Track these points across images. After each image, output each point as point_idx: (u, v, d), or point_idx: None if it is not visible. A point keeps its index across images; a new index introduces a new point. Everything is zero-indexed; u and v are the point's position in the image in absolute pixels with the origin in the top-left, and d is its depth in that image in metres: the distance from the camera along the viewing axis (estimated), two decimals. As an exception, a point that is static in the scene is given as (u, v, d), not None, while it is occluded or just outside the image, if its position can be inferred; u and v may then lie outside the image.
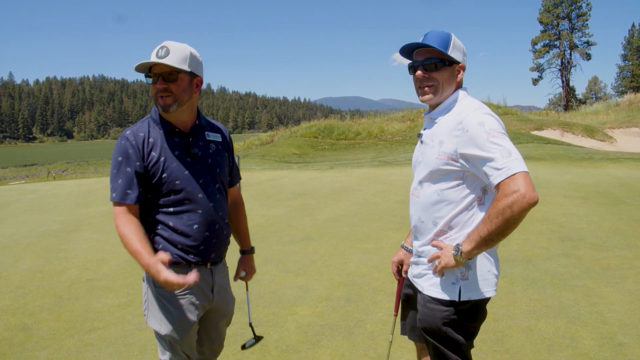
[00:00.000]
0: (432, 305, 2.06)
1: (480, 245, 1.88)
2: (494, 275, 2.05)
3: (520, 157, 1.83)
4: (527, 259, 5.60)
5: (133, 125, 2.24)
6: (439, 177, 2.03)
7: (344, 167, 16.62)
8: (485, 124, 1.89)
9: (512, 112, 31.00)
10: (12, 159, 68.31)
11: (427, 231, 2.09)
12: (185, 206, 2.21)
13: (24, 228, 8.59)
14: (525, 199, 1.75)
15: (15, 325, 4.39)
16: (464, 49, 2.11)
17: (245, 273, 2.73)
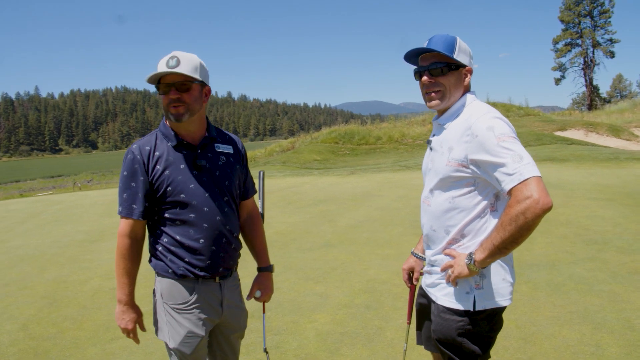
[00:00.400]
0: (446, 315, 2.02)
1: (493, 254, 1.83)
2: (509, 284, 2.00)
3: (532, 161, 1.78)
4: (551, 263, 5.49)
5: (141, 139, 2.26)
6: (449, 184, 1.98)
7: (365, 172, 16.56)
8: (495, 128, 1.84)
9: (534, 113, 30.59)
10: (40, 170, 69.80)
11: (439, 240, 2.05)
12: (191, 219, 2.20)
13: (49, 238, 8.73)
14: (539, 204, 1.70)
15: (40, 334, 4.45)
16: (470, 52, 2.07)
17: (261, 293, 2.56)
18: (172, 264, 2.22)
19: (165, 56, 2.16)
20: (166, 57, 2.15)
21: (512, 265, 2.05)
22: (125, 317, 2.23)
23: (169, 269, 2.22)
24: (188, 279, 2.23)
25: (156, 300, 2.30)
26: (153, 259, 2.29)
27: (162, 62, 2.14)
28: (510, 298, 2.00)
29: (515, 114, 29.76)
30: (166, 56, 2.15)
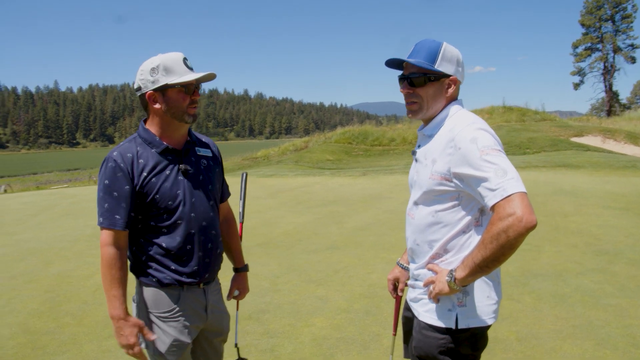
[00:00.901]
0: (427, 332, 1.95)
1: (474, 272, 1.75)
2: (494, 301, 1.92)
3: (518, 176, 1.69)
4: (558, 273, 5.38)
5: (119, 146, 2.17)
6: (433, 198, 1.91)
7: (377, 173, 16.45)
8: (479, 140, 1.76)
9: (551, 118, 30.16)
10: (57, 163, 70.68)
11: (422, 254, 1.98)
12: (178, 226, 2.16)
13: (59, 232, 8.79)
14: (522, 223, 1.61)
15: (40, 328, 4.47)
16: (458, 59, 1.96)
17: (239, 292, 2.64)
18: (158, 273, 2.16)
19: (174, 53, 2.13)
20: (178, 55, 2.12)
21: (499, 282, 1.97)
22: (124, 332, 2.08)
23: (153, 278, 2.17)
24: (173, 287, 2.19)
25: (139, 308, 2.23)
26: (135, 268, 2.23)
27: (179, 60, 2.11)
28: (495, 316, 1.93)
29: (532, 118, 29.38)
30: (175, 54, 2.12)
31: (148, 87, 2.10)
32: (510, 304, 4.55)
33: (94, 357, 3.87)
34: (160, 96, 2.11)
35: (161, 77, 2.07)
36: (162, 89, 2.09)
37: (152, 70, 2.08)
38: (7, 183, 30.52)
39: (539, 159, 17.12)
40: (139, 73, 2.12)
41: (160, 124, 2.17)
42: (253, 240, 7.43)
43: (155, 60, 2.09)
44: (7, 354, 3.98)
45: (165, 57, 2.10)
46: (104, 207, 2.07)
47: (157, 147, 2.15)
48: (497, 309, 1.94)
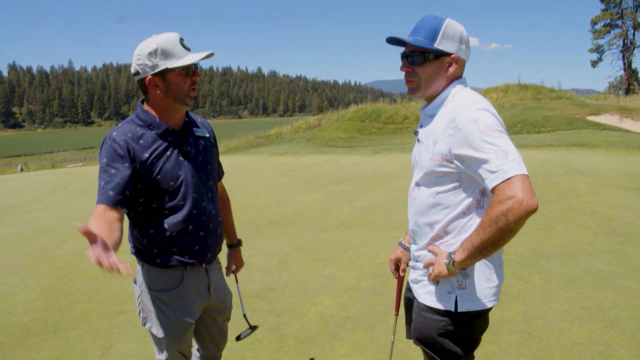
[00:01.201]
0: (427, 314, 1.94)
1: (473, 255, 1.72)
2: (495, 284, 1.89)
3: (519, 157, 1.64)
4: (569, 254, 5.32)
5: (118, 127, 2.13)
6: (434, 179, 1.87)
7: (389, 152, 16.38)
8: (480, 120, 1.70)
9: (567, 96, 29.63)
10: (72, 142, 71.46)
11: (423, 235, 1.95)
12: (180, 207, 2.15)
13: (72, 210, 8.89)
14: (522, 206, 1.57)
15: (52, 305, 4.55)
16: (461, 37, 1.89)
17: (236, 266, 2.71)
18: (161, 255, 2.16)
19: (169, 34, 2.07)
20: (174, 35, 2.07)
21: (500, 264, 1.94)
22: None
23: (157, 259, 2.17)
24: (176, 267, 2.19)
25: (141, 290, 2.24)
26: (137, 250, 2.23)
27: (176, 42, 2.05)
28: (495, 299, 1.90)
29: (547, 96, 28.91)
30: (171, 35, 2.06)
31: (147, 72, 2.04)
32: (519, 284, 4.53)
33: (104, 333, 3.93)
34: (161, 80, 2.06)
35: (160, 61, 2.02)
36: (162, 73, 2.05)
37: (150, 54, 2.02)
38: (24, 162, 30.93)
39: (553, 138, 16.91)
40: (136, 57, 2.06)
41: (160, 107, 2.13)
42: (264, 218, 7.46)
43: (151, 43, 2.03)
44: (21, 329, 4.06)
45: (161, 39, 2.04)
46: (101, 185, 2.00)
47: (157, 129, 2.12)
48: (498, 291, 1.91)
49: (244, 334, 2.79)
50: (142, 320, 2.28)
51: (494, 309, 3.91)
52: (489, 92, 31.67)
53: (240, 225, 7.00)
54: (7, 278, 5.33)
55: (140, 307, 2.26)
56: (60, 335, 3.95)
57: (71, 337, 3.90)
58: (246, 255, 5.60)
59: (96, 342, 3.80)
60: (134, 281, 2.30)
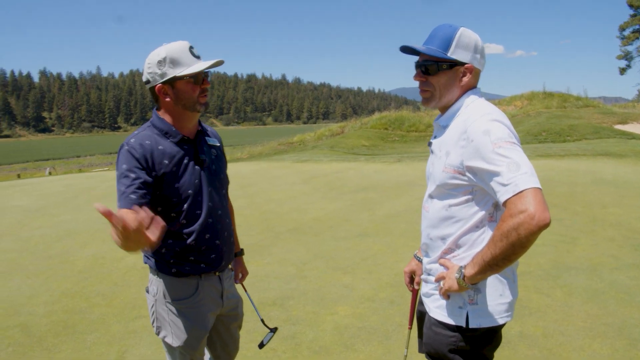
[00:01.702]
0: (437, 329, 1.90)
1: (484, 270, 1.68)
2: (508, 300, 1.84)
3: (532, 170, 1.60)
4: (592, 267, 5.19)
5: (135, 134, 2.13)
6: (446, 192, 1.84)
7: (412, 160, 16.26)
8: (492, 132, 1.67)
9: (594, 105, 29.06)
10: (99, 146, 72.90)
11: (435, 248, 1.92)
12: (197, 216, 2.15)
13: (96, 214, 9.00)
14: (534, 220, 1.52)
15: (72, 308, 4.61)
16: (475, 46, 1.85)
17: (242, 275, 2.71)
18: (178, 265, 2.17)
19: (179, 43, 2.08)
20: (183, 44, 2.08)
21: (514, 280, 1.89)
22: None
23: (172, 269, 2.18)
24: (191, 276, 2.20)
25: (155, 299, 2.24)
26: (151, 258, 2.22)
27: (185, 50, 2.06)
28: (508, 315, 1.85)
29: (573, 104, 28.41)
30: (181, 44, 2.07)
31: (157, 80, 2.07)
32: (539, 298, 4.43)
33: (120, 337, 3.97)
34: (170, 88, 2.08)
35: (169, 70, 2.04)
36: (171, 81, 2.07)
37: (159, 63, 2.04)
38: (52, 166, 31.58)
39: (579, 147, 16.59)
40: (146, 66, 2.09)
41: (173, 115, 2.15)
42: (283, 226, 7.47)
43: (161, 52, 2.05)
44: (41, 330, 4.13)
45: (170, 47, 2.06)
46: (121, 191, 2.00)
47: (174, 137, 2.13)
48: (512, 307, 1.86)
49: (267, 338, 2.78)
50: (155, 330, 2.28)
51: (512, 322, 3.85)
52: (514, 100, 31.30)
53: (260, 232, 7.09)
54: (31, 280, 5.43)
55: (154, 316, 2.26)
56: (79, 337, 4.00)
57: (89, 340, 3.95)
58: (264, 262, 5.69)
59: (113, 345, 3.84)
60: (146, 290, 2.29)
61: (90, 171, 24.72)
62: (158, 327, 2.26)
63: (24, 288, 5.18)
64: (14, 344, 3.92)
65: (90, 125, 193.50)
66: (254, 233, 7.08)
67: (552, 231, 6.53)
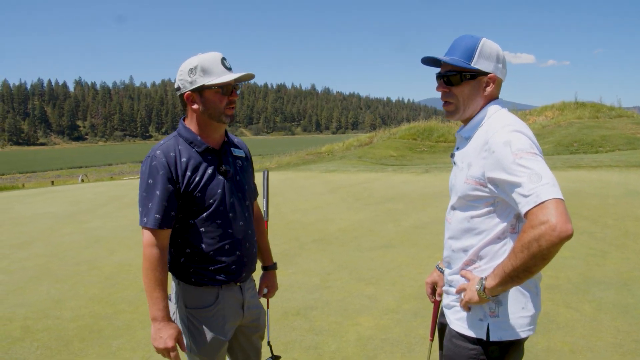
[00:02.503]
0: (458, 341, 1.87)
1: (505, 282, 1.66)
2: (531, 313, 1.81)
3: (554, 181, 1.57)
4: (623, 282, 5.05)
5: (160, 144, 2.16)
6: (467, 203, 1.83)
7: (440, 170, 16.13)
8: (513, 143, 1.65)
9: (628, 115, 28.36)
10: (130, 155, 74.38)
11: (457, 260, 1.90)
12: (218, 225, 2.17)
13: (124, 222, 9.19)
14: (556, 232, 1.49)
15: (98, 313, 4.70)
16: (497, 56, 1.85)
17: (267, 290, 2.66)
18: (198, 273, 2.19)
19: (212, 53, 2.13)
20: (216, 55, 2.12)
21: (537, 292, 1.85)
22: (163, 334, 2.05)
23: (192, 278, 2.19)
24: (212, 286, 2.21)
25: (176, 307, 2.25)
26: (174, 268, 2.24)
27: (217, 61, 2.11)
28: (531, 329, 1.81)
29: (606, 115, 27.80)
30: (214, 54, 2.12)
31: (186, 88, 2.11)
32: (568, 312, 4.32)
33: (145, 343, 4.01)
34: (198, 97, 2.12)
35: (198, 78, 2.08)
36: (200, 90, 2.10)
37: (190, 71, 2.09)
38: (85, 173, 32.29)
39: (612, 158, 16.20)
40: (178, 73, 2.14)
41: (199, 124, 2.18)
42: (308, 236, 7.47)
43: (193, 60, 2.10)
44: (68, 335, 4.22)
45: (203, 57, 2.10)
46: (148, 206, 2.05)
47: (199, 147, 2.16)
48: (534, 321, 1.83)
49: None
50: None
51: (539, 337, 3.78)
52: (545, 111, 30.80)
53: (285, 242, 7.11)
54: (59, 285, 5.55)
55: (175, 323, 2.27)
56: (104, 342, 4.07)
57: (114, 345, 4.01)
58: (288, 272, 5.70)
59: (137, 351, 3.89)
60: (168, 297, 2.29)
61: (121, 179, 25.21)
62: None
63: (53, 292, 5.29)
64: (42, 347, 4.00)
65: (122, 134, 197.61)
66: (279, 243, 7.10)
67: (582, 244, 6.39)
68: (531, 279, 1.78)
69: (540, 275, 1.88)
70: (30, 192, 15.30)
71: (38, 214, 10.53)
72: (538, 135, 24.84)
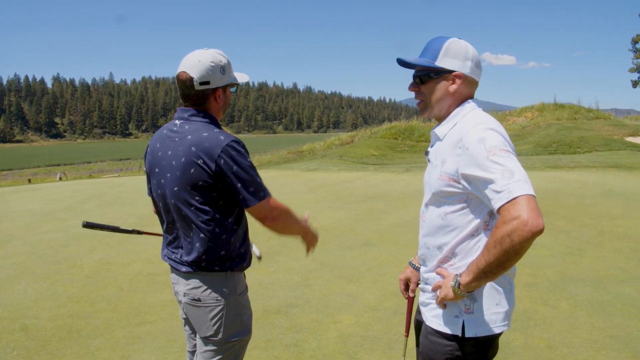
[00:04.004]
0: (434, 338, 1.90)
1: (479, 278, 1.69)
2: (505, 309, 1.85)
3: (526, 178, 1.61)
4: (599, 280, 5.16)
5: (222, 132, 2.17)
6: (441, 200, 1.86)
7: (420, 169, 16.24)
8: (486, 140, 1.69)
9: (605, 117, 28.96)
10: (110, 153, 73.54)
11: (432, 257, 1.94)
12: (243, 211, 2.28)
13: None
14: (527, 227, 1.52)
15: (77, 312, 4.64)
16: (465, 55, 1.89)
17: None
18: (244, 257, 2.29)
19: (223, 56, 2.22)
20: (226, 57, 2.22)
21: (511, 289, 1.89)
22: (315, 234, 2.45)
23: (244, 263, 2.29)
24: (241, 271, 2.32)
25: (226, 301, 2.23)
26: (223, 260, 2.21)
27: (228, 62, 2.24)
28: (505, 324, 1.85)
29: (584, 116, 28.33)
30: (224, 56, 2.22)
31: (217, 84, 2.18)
32: (545, 309, 4.40)
33: (124, 342, 3.98)
34: (222, 93, 2.23)
35: (228, 76, 2.22)
36: (224, 87, 2.23)
37: (222, 68, 2.18)
38: (63, 171, 31.80)
39: (589, 159, 16.50)
40: (209, 68, 2.13)
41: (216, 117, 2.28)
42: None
43: (222, 58, 2.19)
44: (46, 335, 4.16)
45: (225, 56, 2.22)
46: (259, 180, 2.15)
47: None
48: (508, 317, 1.87)
49: None
50: (222, 336, 2.24)
51: (517, 334, 3.84)
52: (524, 112, 31.24)
53: (266, 240, 7.09)
54: (37, 284, 5.47)
55: (222, 319, 2.23)
56: (83, 342, 4.02)
57: (93, 345, 3.96)
58: (270, 270, 5.70)
59: (116, 350, 3.85)
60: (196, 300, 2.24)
61: (100, 177, 24.90)
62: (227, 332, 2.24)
63: (30, 292, 5.22)
64: (18, 347, 3.94)
65: (102, 132, 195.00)
66: (260, 241, 7.07)
67: (559, 243, 6.50)
68: (505, 276, 1.83)
69: (514, 272, 1.92)
70: (7, 190, 15.01)
71: (16, 212, 10.36)
72: (518, 135, 25.19)
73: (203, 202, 2.11)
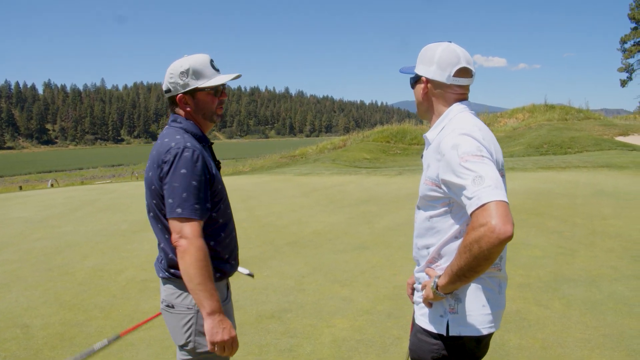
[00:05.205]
0: (421, 336, 1.94)
1: (453, 281, 1.72)
2: (491, 311, 1.85)
3: (497, 183, 1.61)
4: (591, 279, 5.18)
5: (182, 137, 2.11)
6: (427, 203, 1.91)
7: (413, 172, 16.28)
8: (460, 146, 1.72)
9: (595, 117, 29.19)
10: (102, 159, 73.23)
11: (422, 258, 1.98)
12: (229, 216, 2.25)
13: (97, 226, 9.04)
14: (494, 233, 1.53)
15: (70, 320, 4.61)
16: (431, 59, 1.92)
17: None
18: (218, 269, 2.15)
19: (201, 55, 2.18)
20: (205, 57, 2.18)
21: (499, 290, 1.90)
22: (225, 325, 2.02)
23: (216, 273, 2.14)
24: (222, 279, 2.25)
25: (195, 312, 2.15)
26: None
27: (207, 63, 2.16)
28: (492, 326, 1.86)
29: (575, 117, 28.52)
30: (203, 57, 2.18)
31: (178, 90, 2.16)
32: (538, 309, 4.42)
33: (117, 350, 3.96)
34: (190, 98, 2.18)
35: (191, 81, 2.14)
36: (192, 92, 2.16)
37: (182, 73, 2.13)
38: (54, 178, 31.61)
39: (580, 159, 16.60)
40: (168, 76, 2.16)
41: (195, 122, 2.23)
42: (283, 239, 7.46)
43: (184, 63, 2.14)
44: (38, 343, 4.12)
45: (193, 59, 2.15)
46: (199, 196, 2.02)
47: (205, 143, 2.23)
48: (496, 319, 1.88)
49: None
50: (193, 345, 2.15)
51: (511, 334, 3.85)
52: (516, 113, 31.41)
53: (259, 245, 7.09)
54: (29, 292, 5.43)
55: (192, 329, 2.15)
56: (75, 350, 3.98)
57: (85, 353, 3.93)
58: (263, 275, 5.69)
59: (109, 358, 3.83)
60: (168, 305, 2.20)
61: (92, 183, 24.79)
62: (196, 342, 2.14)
63: (22, 300, 5.18)
64: (10, 356, 3.91)
65: (94, 138, 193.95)
66: (253, 246, 7.08)
67: (552, 243, 6.53)
68: (494, 278, 1.86)
69: (505, 275, 1.95)
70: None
71: (8, 219, 10.29)
72: (509, 137, 25.34)
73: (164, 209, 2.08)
